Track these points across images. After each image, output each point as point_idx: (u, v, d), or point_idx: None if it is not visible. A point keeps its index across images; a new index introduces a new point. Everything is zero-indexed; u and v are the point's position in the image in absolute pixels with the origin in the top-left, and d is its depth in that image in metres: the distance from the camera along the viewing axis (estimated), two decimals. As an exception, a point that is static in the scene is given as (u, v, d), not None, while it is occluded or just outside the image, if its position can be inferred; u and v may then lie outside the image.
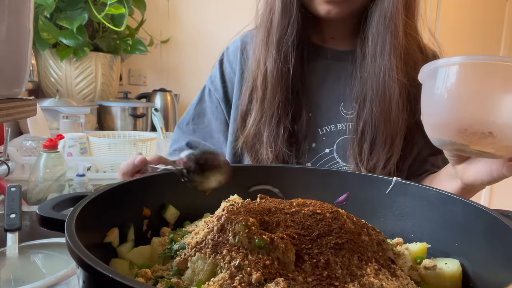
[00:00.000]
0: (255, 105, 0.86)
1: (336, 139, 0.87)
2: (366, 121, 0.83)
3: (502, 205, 0.59)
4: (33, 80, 1.91)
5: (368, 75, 0.82)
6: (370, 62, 0.82)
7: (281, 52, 0.83)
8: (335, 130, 0.87)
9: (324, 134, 0.87)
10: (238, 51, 0.94)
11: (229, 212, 0.45)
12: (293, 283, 0.37)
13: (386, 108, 0.81)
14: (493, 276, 0.43)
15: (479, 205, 0.47)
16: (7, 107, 0.43)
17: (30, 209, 0.92)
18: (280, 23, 0.83)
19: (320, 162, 0.87)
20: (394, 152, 0.82)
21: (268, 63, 0.84)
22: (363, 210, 0.57)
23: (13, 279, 0.66)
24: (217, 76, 0.96)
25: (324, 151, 0.87)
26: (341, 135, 0.87)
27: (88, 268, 0.31)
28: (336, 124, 0.87)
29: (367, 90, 0.83)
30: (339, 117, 0.87)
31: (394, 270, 0.42)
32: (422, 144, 0.87)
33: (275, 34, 0.84)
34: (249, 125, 0.86)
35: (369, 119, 0.83)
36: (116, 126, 2.13)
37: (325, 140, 0.87)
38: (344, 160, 0.87)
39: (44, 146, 1.12)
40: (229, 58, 0.96)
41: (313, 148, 0.87)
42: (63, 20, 1.83)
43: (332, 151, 0.87)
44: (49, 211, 0.43)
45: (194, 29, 2.62)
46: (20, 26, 0.44)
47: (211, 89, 0.97)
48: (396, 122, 0.82)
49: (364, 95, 0.83)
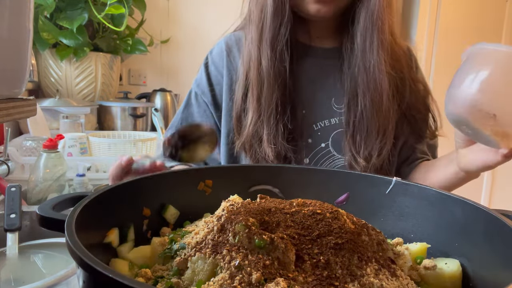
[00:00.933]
0: (252, 104, 0.86)
1: (331, 133, 0.90)
2: (357, 113, 0.86)
3: (502, 205, 0.59)
4: (33, 80, 1.91)
5: (358, 70, 0.86)
6: (360, 57, 0.86)
7: (276, 51, 0.85)
8: (329, 124, 0.90)
9: (319, 129, 0.90)
10: (224, 53, 0.95)
11: (229, 212, 0.45)
12: (293, 283, 0.37)
13: (378, 99, 0.85)
14: (493, 276, 0.43)
15: (479, 205, 0.47)
16: (7, 107, 0.43)
17: (30, 209, 0.92)
18: (273, 23, 0.84)
19: (317, 157, 0.90)
20: (387, 141, 0.86)
21: (264, 61, 0.85)
22: (363, 210, 0.57)
23: (13, 279, 0.66)
24: (204, 80, 0.96)
25: (320, 145, 0.90)
26: (335, 129, 0.90)
27: (88, 268, 0.31)
28: (330, 119, 0.90)
29: (358, 83, 0.86)
30: (331, 112, 0.90)
31: (394, 270, 0.42)
32: (408, 131, 0.92)
33: (267, 33, 0.85)
34: (246, 125, 0.87)
35: (361, 111, 0.86)
36: (116, 126, 2.13)
37: (320, 135, 0.90)
38: (339, 152, 0.90)
39: (44, 146, 1.12)
40: (214, 61, 0.96)
41: (310, 143, 0.90)
42: (63, 20, 1.83)
43: (327, 145, 0.90)
44: (49, 211, 0.43)
45: (194, 29, 2.62)
46: (20, 26, 0.44)
47: (198, 93, 0.97)
48: (387, 112, 0.86)
49: (355, 89, 0.87)
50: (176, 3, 2.59)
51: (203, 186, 0.60)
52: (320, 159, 0.90)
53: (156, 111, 1.96)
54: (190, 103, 0.98)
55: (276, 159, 0.85)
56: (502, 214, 0.44)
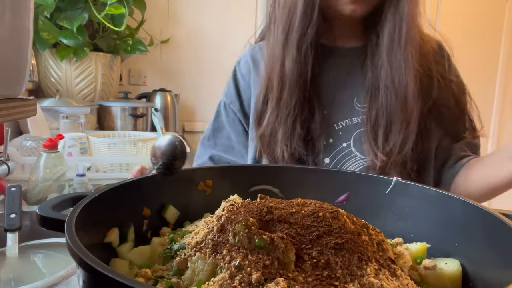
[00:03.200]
0: (271, 104, 0.87)
1: (353, 133, 0.89)
2: (380, 109, 0.85)
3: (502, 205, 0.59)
4: (33, 80, 1.91)
5: (383, 66, 0.85)
6: (386, 54, 0.85)
7: (301, 52, 0.84)
8: (351, 124, 0.89)
9: (340, 129, 0.89)
10: (250, 65, 0.97)
11: (229, 212, 0.45)
12: (293, 283, 0.37)
13: (402, 94, 0.83)
14: (493, 276, 0.43)
15: (479, 205, 0.47)
16: (7, 107, 0.43)
17: (30, 209, 0.92)
18: (301, 24, 0.84)
19: (338, 157, 0.88)
20: (409, 137, 0.84)
21: (287, 62, 0.85)
22: (363, 210, 0.57)
23: (13, 279, 0.66)
24: (232, 89, 0.99)
25: (341, 145, 0.89)
26: (357, 128, 0.89)
27: (88, 268, 0.31)
28: (351, 118, 0.89)
29: (383, 79, 0.85)
30: (354, 111, 0.89)
31: (394, 270, 0.42)
32: (441, 132, 0.90)
33: (294, 34, 0.84)
34: (264, 124, 0.87)
35: (384, 107, 0.85)
36: (116, 126, 2.13)
37: (341, 135, 0.89)
38: (361, 153, 0.88)
39: (44, 146, 1.12)
40: (241, 71, 0.99)
41: (330, 143, 0.89)
42: (63, 20, 1.83)
43: (349, 145, 0.89)
44: (49, 211, 0.43)
45: (194, 29, 2.62)
46: (20, 26, 0.44)
47: (226, 103, 0.99)
48: (411, 108, 0.84)
49: (378, 85, 0.86)
50: (176, 3, 2.59)
51: (203, 186, 0.60)
52: (342, 159, 0.88)
53: (156, 111, 1.96)
54: (220, 113, 1.01)
55: (290, 160, 0.85)
56: (502, 214, 0.44)
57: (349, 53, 0.92)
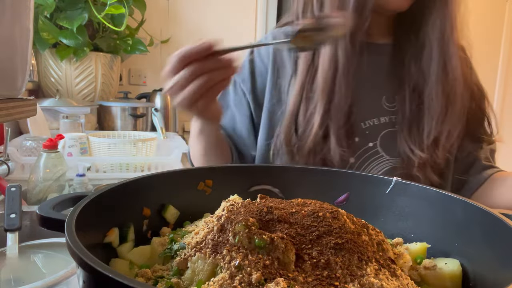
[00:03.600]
0: (319, 104, 0.81)
1: (380, 132, 0.87)
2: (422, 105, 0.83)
3: (502, 205, 0.59)
4: (33, 80, 1.91)
5: (432, 60, 0.83)
6: (438, 47, 0.83)
7: (355, 46, 0.80)
8: (378, 123, 0.87)
9: (367, 128, 0.87)
10: (270, 47, 0.90)
11: (229, 212, 0.45)
12: (293, 283, 0.37)
13: (453, 90, 0.82)
14: (493, 276, 0.43)
15: (479, 205, 0.47)
16: (7, 107, 0.43)
17: (30, 209, 0.92)
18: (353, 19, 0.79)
19: (364, 157, 0.86)
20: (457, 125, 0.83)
21: (341, 56, 0.80)
22: (363, 210, 0.57)
23: (13, 279, 0.66)
24: (246, 68, 0.91)
25: (367, 145, 0.86)
26: (384, 128, 0.87)
27: (88, 268, 0.31)
28: (379, 118, 0.87)
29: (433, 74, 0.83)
30: (382, 111, 0.87)
31: (394, 270, 0.42)
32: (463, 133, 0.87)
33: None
34: (311, 125, 0.81)
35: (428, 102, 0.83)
36: (116, 126, 2.13)
37: (368, 134, 0.86)
38: (388, 153, 0.86)
39: (44, 146, 1.12)
40: (260, 52, 0.92)
41: (356, 142, 0.86)
42: (63, 20, 1.83)
43: (376, 144, 0.86)
44: (49, 211, 0.43)
45: (194, 29, 2.62)
46: (20, 26, 0.44)
47: (237, 81, 0.91)
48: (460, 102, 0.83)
49: (424, 79, 0.84)
50: (176, 3, 2.59)
51: (203, 186, 0.60)
52: (367, 159, 0.86)
53: (156, 111, 1.96)
54: (227, 91, 0.92)
55: (341, 163, 0.81)
56: (502, 214, 0.44)
57: (380, 50, 0.89)
